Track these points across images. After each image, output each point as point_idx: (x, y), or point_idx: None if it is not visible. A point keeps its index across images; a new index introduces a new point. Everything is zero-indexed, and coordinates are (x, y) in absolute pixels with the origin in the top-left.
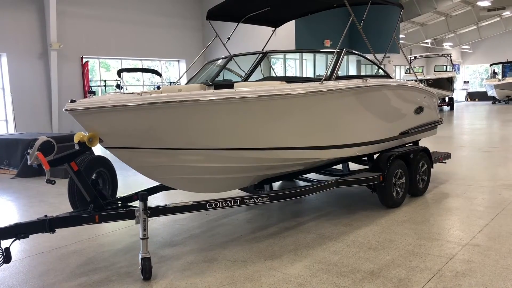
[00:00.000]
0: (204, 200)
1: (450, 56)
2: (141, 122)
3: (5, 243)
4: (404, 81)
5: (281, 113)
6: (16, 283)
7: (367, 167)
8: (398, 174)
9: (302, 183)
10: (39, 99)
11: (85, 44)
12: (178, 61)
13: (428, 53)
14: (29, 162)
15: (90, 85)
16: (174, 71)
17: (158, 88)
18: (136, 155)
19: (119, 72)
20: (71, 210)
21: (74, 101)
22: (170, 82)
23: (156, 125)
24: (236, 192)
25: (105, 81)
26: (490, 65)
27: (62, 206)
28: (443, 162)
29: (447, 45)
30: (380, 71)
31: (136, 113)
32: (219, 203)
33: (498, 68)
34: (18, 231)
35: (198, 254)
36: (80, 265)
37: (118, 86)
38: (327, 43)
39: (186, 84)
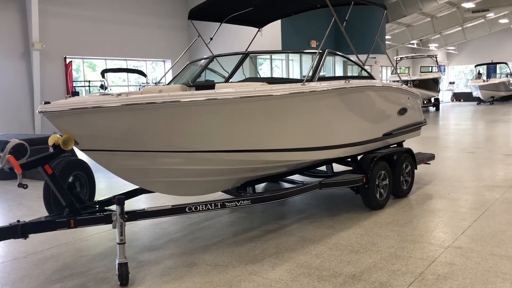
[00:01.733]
0: (184, 203)
1: (436, 57)
2: (118, 124)
3: None
4: (387, 82)
5: (262, 115)
6: None
7: (352, 168)
8: (382, 175)
9: (286, 185)
10: (21, 99)
11: (69, 44)
12: (164, 61)
13: (414, 54)
14: (0, 166)
15: (74, 85)
16: (161, 71)
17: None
18: (113, 158)
19: (103, 73)
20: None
21: (48, 102)
22: (156, 83)
23: (135, 127)
24: (219, 195)
25: (89, 81)
26: (475, 66)
27: (41, 209)
28: (427, 163)
29: (433, 46)
30: (364, 72)
31: (113, 114)
32: (199, 206)
33: (483, 69)
34: None
35: (178, 258)
36: (56, 270)
37: (102, 86)
38: (313, 43)
39: (167, 84)
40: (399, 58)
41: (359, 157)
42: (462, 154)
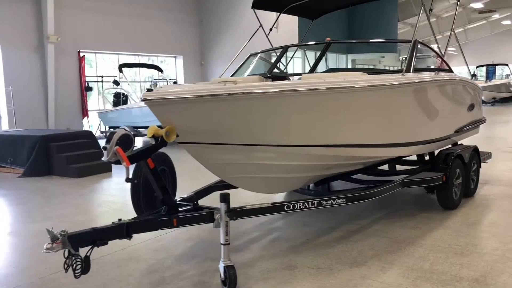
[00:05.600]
0: (282, 201)
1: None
2: (218, 115)
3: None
4: (463, 76)
5: (359, 108)
6: None
7: (411, 167)
8: (457, 174)
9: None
10: (35, 94)
11: (82, 37)
12: (175, 57)
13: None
14: (105, 158)
15: (86, 80)
16: (172, 67)
17: (156, 84)
18: (209, 151)
19: (121, 67)
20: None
21: (151, 90)
22: (167, 80)
23: (229, 119)
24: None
25: (102, 76)
26: (476, 67)
27: (89, 207)
28: (485, 162)
29: (434, 47)
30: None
31: (222, 104)
32: (297, 204)
33: (480, 71)
34: (96, 237)
35: (271, 260)
36: (144, 274)
37: (115, 82)
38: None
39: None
40: (403, 58)
41: (425, 155)
42: (499, 154)
